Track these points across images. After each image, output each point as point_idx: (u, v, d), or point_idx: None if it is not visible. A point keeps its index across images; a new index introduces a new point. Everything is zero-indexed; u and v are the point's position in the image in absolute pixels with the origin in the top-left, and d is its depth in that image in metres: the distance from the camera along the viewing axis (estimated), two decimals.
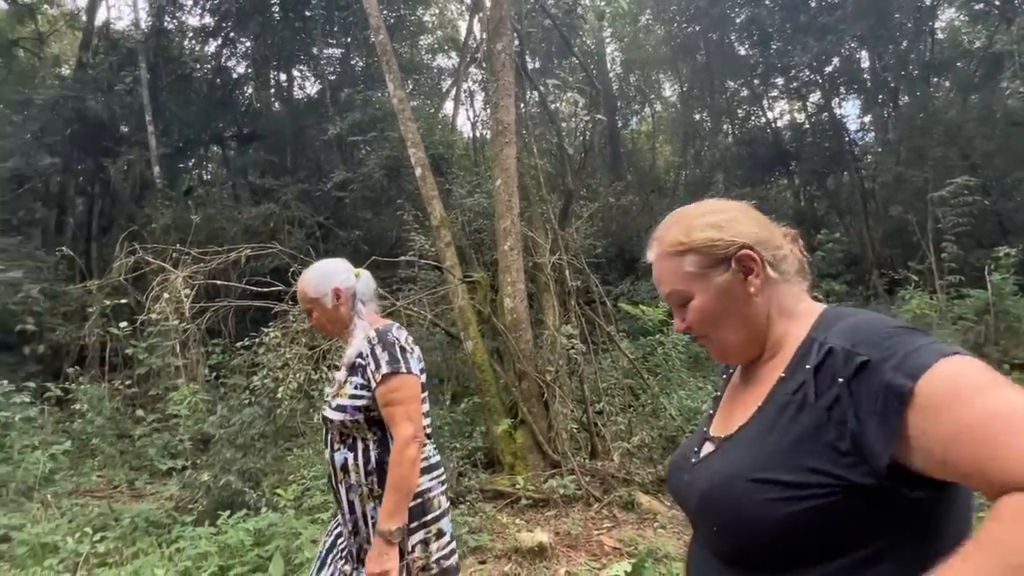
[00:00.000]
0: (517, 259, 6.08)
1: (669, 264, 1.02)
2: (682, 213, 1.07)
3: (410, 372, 1.86)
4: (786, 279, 1.00)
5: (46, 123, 10.81)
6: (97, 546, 4.58)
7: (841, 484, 0.77)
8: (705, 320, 1.00)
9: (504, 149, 6.18)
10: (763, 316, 0.98)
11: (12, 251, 9.46)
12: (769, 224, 1.04)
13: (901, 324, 0.83)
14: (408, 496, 1.82)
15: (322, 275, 2.05)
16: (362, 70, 13.38)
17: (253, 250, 5.02)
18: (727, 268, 0.98)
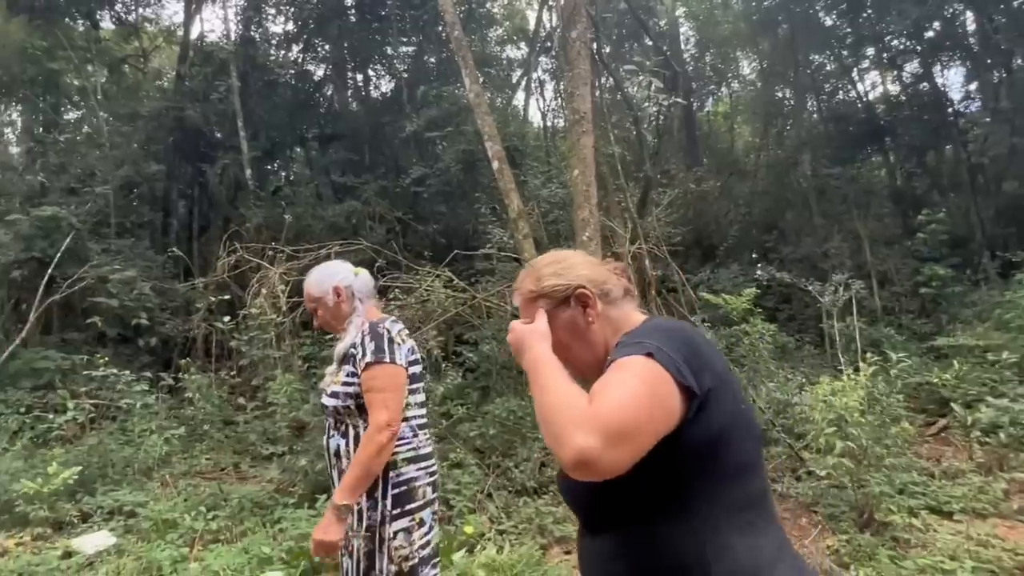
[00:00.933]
0: (596, 249, 6.02)
1: (528, 308, 1.30)
2: (533, 266, 1.37)
3: (393, 362, 1.93)
4: (615, 305, 1.28)
5: (151, 133, 11.71)
6: (210, 523, 4.96)
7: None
8: (560, 347, 1.23)
9: (581, 138, 6.11)
10: (600, 339, 1.26)
11: (127, 252, 10.31)
12: (599, 265, 1.35)
13: (658, 331, 1.13)
14: (368, 478, 1.87)
15: (324, 275, 2.17)
16: (435, 66, 13.61)
17: (341, 246, 5.24)
18: (568, 306, 1.26)
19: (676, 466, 1.05)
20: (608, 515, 1.13)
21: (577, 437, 0.91)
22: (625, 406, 0.95)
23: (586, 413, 0.94)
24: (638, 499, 1.08)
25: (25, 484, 5.21)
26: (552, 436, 0.96)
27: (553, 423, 0.97)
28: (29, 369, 9.10)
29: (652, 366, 1.01)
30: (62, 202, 10.63)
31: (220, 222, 11.91)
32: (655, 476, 1.04)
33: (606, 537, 1.14)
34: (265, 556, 4.30)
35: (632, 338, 1.11)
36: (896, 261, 11.44)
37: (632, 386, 0.98)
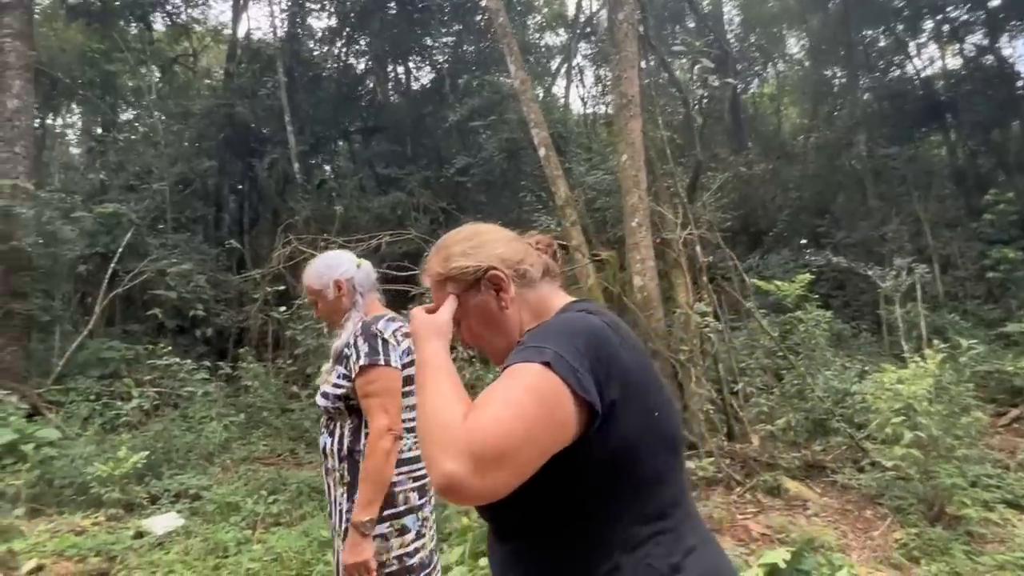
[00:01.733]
0: (646, 236, 5.92)
1: (438, 292, 1.19)
2: (442, 243, 1.23)
3: (388, 364, 1.86)
4: (534, 286, 1.17)
5: (202, 130, 12.07)
6: (271, 507, 5.13)
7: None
8: (473, 335, 1.17)
9: (629, 123, 6.01)
10: (515, 325, 1.15)
11: (183, 246, 10.68)
12: (515, 241, 1.21)
13: (564, 331, 1.00)
14: (383, 487, 1.80)
15: (325, 267, 2.07)
16: (474, 55, 13.57)
17: (392, 236, 5.29)
18: (479, 290, 1.14)
19: (576, 480, 0.98)
20: (510, 523, 1.06)
21: (445, 462, 0.84)
22: (503, 425, 0.86)
23: (457, 434, 0.85)
24: (537, 511, 1.00)
25: (99, 467, 5.48)
26: (424, 454, 0.89)
27: (426, 440, 0.90)
28: (96, 359, 9.56)
29: (547, 377, 0.91)
30: (122, 199, 11.08)
31: (269, 215, 12.22)
32: (553, 489, 0.97)
33: (510, 543, 1.08)
34: (325, 539, 4.41)
35: (534, 338, 1.00)
36: (960, 244, 10.92)
37: (517, 401, 0.89)
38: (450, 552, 4.01)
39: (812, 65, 19.69)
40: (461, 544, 4.07)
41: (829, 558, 3.54)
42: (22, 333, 9.06)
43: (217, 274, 11.00)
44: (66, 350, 9.25)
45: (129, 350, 9.77)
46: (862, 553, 3.97)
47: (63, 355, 9.19)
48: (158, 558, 4.25)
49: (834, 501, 4.73)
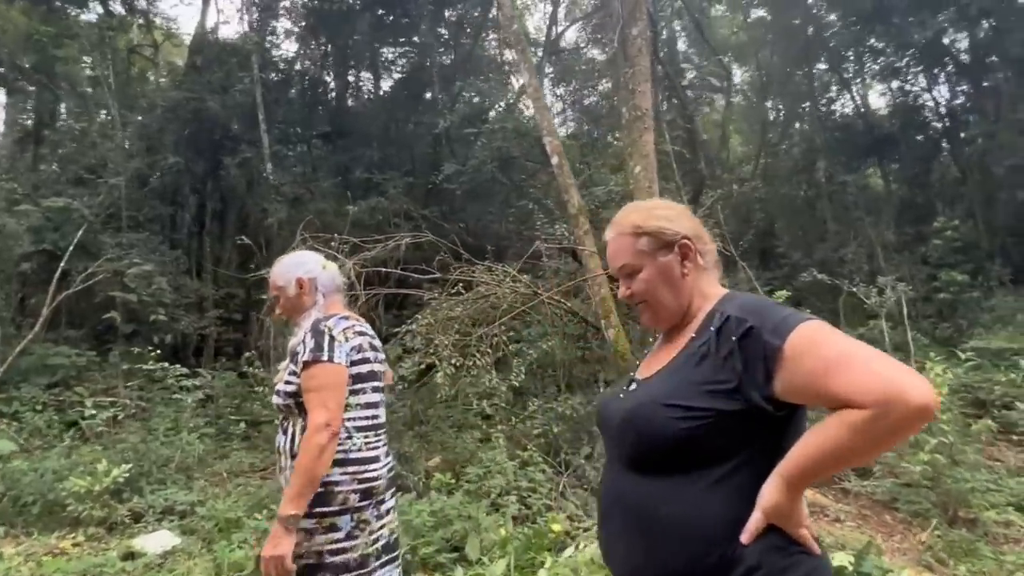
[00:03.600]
0: None
1: (626, 241, 1.32)
2: (641, 205, 1.40)
3: (331, 360, 1.85)
4: (707, 268, 1.32)
5: (163, 124, 11.38)
6: None
7: (718, 411, 1.10)
8: (648, 289, 1.31)
9: (643, 135, 6.09)
10: (688, 293, 1.29)
11: (141, 246, 9.99)
12: (701, 226, 1.36)
13: (771, 301, 1.20)
14: (313, 483, 1.78)
15: (291, 265, 2.10)
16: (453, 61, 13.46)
17: (412, 238, 5.12)
18: (670, 251, 1.29)
19: (772, 424, 1.11)
20: (681, 463, 1.14)
21: (913, 390, 0.95)
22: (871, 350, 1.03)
23: (894, 372, 0.98)
24: (716, 451, 1.12)
25: (75, 482, 4.96)
26: (889, 414, 0.96)
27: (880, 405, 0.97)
28: (42, 365, 8.74)
29: (831, 327, 1.09)
30: (71, 194, 10.26)
31: (233, 217, 11.64)
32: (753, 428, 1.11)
33: (652, 479, 1.17)
34: None
35: (767, 309, 1.14)
36: (909, 267, 11.66)
37: (852, 340, 1.06)
38: (492, 565, 3.85)
39: (759, 95, 20.72)
40: (503, 557, 3.92)
41: (878, 562, 3.62)
42: None
43: (176, 277, 10.34)
44: (7, 356, 8.40)
45: (79, 356, 9.00)
46: (893, 556, 4.09)
47: (4, 361, 8.34)
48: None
49: (850, 507, 4.88)
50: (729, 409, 1.09)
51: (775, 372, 1.06)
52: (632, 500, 1.21)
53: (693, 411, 1.11)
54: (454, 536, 4.30)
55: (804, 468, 1.04)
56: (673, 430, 1.12)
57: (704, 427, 1.10)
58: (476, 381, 5.33)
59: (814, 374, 1.02)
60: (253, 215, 10.77)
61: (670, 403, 1.14)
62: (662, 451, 1.15)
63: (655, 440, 1.15)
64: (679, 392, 1.15)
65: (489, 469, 5.13)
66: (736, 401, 1.09)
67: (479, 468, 5.18)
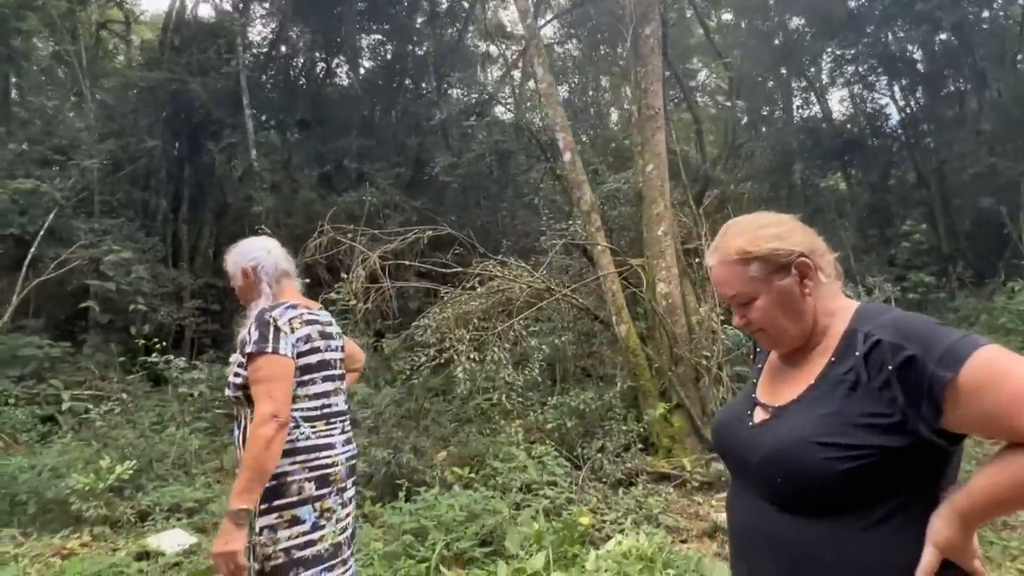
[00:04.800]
0: (671, 245, 6.11)
1: (734, 270, 1.21)
2: (744, 224, 1.25)
3: (276, 352, 1.84)
4: (830, 282, 1.21)
5: (137, 106, 10.88)
6: None
7: (882, 447, 1.00)
8: (767, 317, 1.20)
9: (655, 134, 6.19)
10: (812, 311, 1.18)
11: (116, 233, 9.55)
12: (815, 234, 1.25)
13: (934, 321, 1.06)
14: (261, 475, 1.75)
15: (238, 254, 2.11)
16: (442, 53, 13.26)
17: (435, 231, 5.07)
18: (787, 273, 1.17)
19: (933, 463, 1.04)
20: (841, 504, 1.06)
21: None
22: None
23: None
24: (879, 489, 1.03)
25: (79, 480, 4.74)
26: None
27: None
28: (11, 356, 8.27)
29: (1010, 352, 0.98)
30: (39, 175, 9.71)
31: (212, 204, 11.24)
32: (912, 468, 1.03)
33: (809, 521, 1.08)
34: (369, 553, 4.10)
35: (932, 332, 1.02)
36: (878, 268, 12.19)
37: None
38: (532, 559, 3.88)
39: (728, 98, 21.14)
40: (541, 551, 3.95)
41: None
42: None
43: (153, 265, 9.92)
44: None
45: (52, 347, 8.55)
46: None
47: None
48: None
49: None
50: (894, 445, 1.01)
51: (946, 406, 0.97)
52: (788, 544, 1.11)
53: (854, 449, 1.02)
54: (482, 529, 4.31)
55: (986, 505, 0.97)
56: (832, 472, 1.03)
57: (867, 466, 1.02)
58: (493, 375, 5.32)
59: (997, 410, 0.93)
60: (235, 203, 10.42)
61: (825, 441, 1.05)
62: (819, 493, 1.06)
63: (811, 482, 1.06)
64: (833, 428, 1.06)
65: (509, 463, 5.15)
66: (902, 436, 1.00)
67: (497, 463, 5.19)
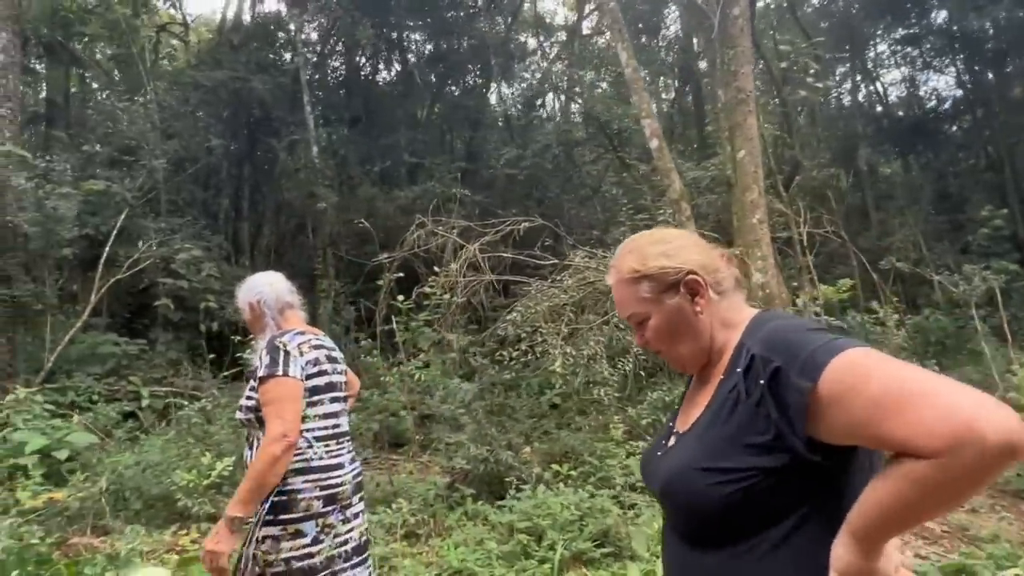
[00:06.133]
0: (766, 232, 5.87)
1: (627, 290, 1.18)
2: (637, 242, 1.22)
3: (286, 375, 1.96)
4: (725, 296, 1.16)
5: (198, 106, 11.00)
6: (407, 517, 4.58)
7: (764, 469, 0.95)
8: (660, 337, 1.17)
9: (747, 119, 5.94)
10: (708, 330, 1.14)
11: (184, 231, 9.68)
12: (710, 249, 1.21)
13: (808, 326, 1.01)
14: (261, 489, 1.87)
15: (245, 289, 2.24)
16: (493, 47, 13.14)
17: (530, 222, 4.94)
18: (677, 292, 1.14)
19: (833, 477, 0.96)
20: (731, 532, 1.01)
21: (989, 425, 0.76)
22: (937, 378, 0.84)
23: (963, 405, 0.79)
24: (770, 513, 0.97)
25: (183, 476, 4.76)
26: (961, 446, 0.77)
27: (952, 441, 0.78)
28: (91, 354, 8.43)
29: (874, 353, 0.91)
30: (106, 176, 9.88)
31: (271, 202, 11.32)
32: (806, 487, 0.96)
33: (707, 552, 1.04)
34: (487, 552, 4.00)
35: (803, 337, 0.96)
36: (952, 257, 11.67)
37: (901, 367, 0.87)
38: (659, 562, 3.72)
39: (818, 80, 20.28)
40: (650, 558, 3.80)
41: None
42: (10, 323, 7.85)
43: (219, 263, 10.02)
44: (57, 343, 8.08)
45: (129, 345, 8.70)
46: None
47: (53, 349, 8.02)
48: None
49: (984, 498, 4.82)
50: (773, 466, 0.95)
51: (810, 418, 0.90)
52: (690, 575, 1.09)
53: (735, 472, 0.97)
54: (595, 529, 4.17)
55: (871, 524, 0.88)
56: (715, 497, 0.99)
57: (752, 488, 0.96)
58: (589, 369, 5.17)
59: (862, 418, 0.85)
60: (295, 200, 10.46)
61: (707, 467, 1.01)
62: (709, 521, 1.02)
63: (699, 510, 1.03)
64: (716, 452, 1.01)
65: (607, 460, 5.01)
66: (780, 454, 0.94)
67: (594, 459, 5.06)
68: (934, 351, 7.67)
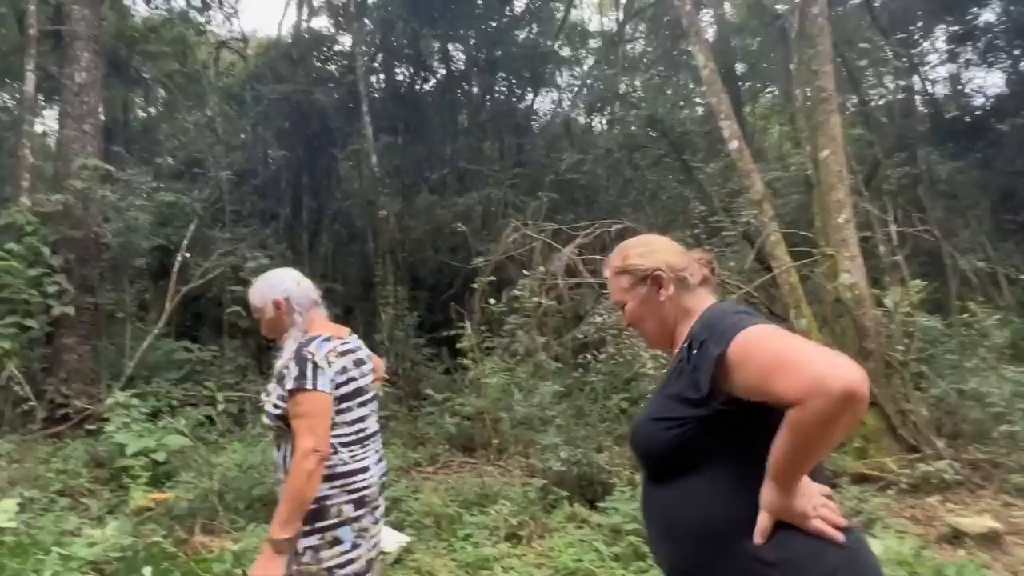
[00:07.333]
0: (853, 232, 5.78)
1: (614, 281, 1.52)
2: (625, 245, 1.55)
3: (315, 389, 1.93)
4: (688, 290, 1.45)
5: (258, 119, 11.30)
6: (497, 519, 4.61)
7: (695, 418, 1.21)
8: (634, 319, 1.51)
9: (830, 117, 5.87)
10: (672, 316, 1.45)
11: (250, 240, 9.91)
12: (683, 254, 1.50)
13: (736, 310, 1.34)
14: (302, 507, 1.86)
15: (268, 286, 2.15)
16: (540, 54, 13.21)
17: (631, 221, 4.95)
18: (645, 284, 1.46)
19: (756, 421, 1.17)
20: (673, 469, 1.27)
21: (833, 378, 0.99)
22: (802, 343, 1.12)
23: (817, 363, 1.03)
24: (706, 452, 1.22)
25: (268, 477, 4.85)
26: (820, 397, 1.00)
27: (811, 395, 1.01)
28: (168, 361, 8.69)
29: (772, 328, 1.20)
30: (175, 188, 10.21)
31: (330, 211, 11.54)
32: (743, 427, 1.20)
33: (666, 486, 1.30)
34: (599, 554, 3.99)
35: (723, 322, 1.24)
36: (1020, 257, 11.31)
37: (786, 338, 1.15)
38: None
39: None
40: None
41: None
42: (93, 331, 8.14)
43: None
44: (135, 350, 8.34)
45: (202, 351, 8.94)
46: None
47: (132, 356, 8.28)
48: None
49: None
50: (700, 415, 1.20)
51: (726, 379, 1.14)
52: (654, 508, 1.36)
53: (675, 421, 1.24)
54: None
55: (780, 467, 1.11)
56: (661, 440, 1.26)
57: (688, 433, 1.22)
58: None
59: (756, 377, 1.10)
60: (353, 208, 10.64)
61: (657, 416, 1.30)
62: (659, 460, 1.30)
63: (650, 450, 1.33)
64: (664, 406, 1.30)
65: None
66: (705, 408, 1.19)
67: None
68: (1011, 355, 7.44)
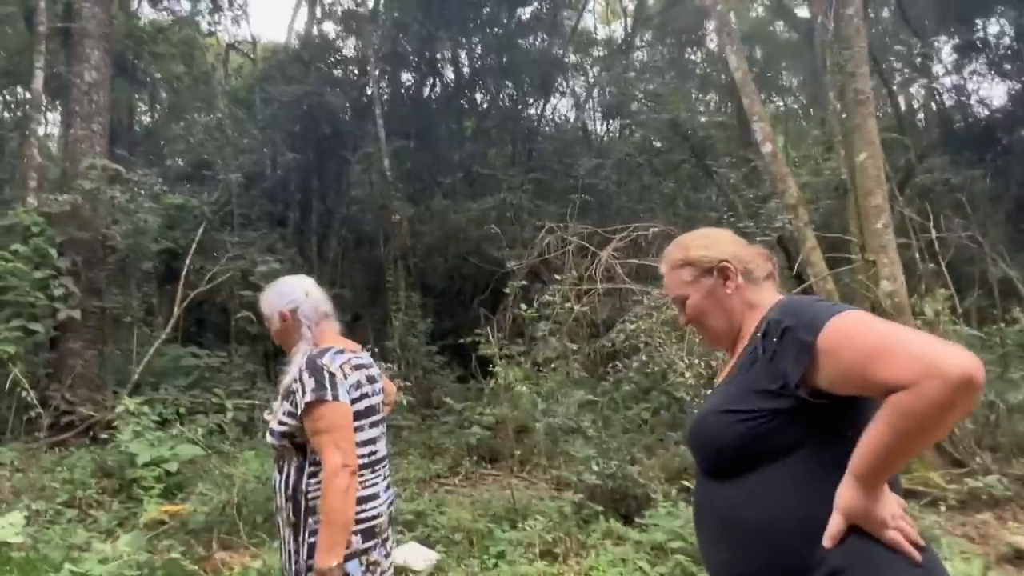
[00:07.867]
0: (892, 238, 5.61)
1: (674, 275, 1.44)
2: (684, 239, 1.48)
3: (336, 399, 1.79)
4: (755, 283, 1.38)
5: (268, 121, 11.13)
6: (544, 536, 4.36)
7: (773, 410, 1.15)
8: (696, 314, 1.41)
9: (867, 120, 5.72)
10: (736, 309, 1.37)
11: (258, 244, 9.71)
12: (746, 246, 1.44)
13: (817, 300, 1.33)
14: (345, 528, 1.74)
15: (276, 295, 2.04)
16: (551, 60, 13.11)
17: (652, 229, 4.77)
18: (711, 276, 1.38)
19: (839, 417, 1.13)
20: (743, 464, 1.19)
21: (949, 363, 0.93)
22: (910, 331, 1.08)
23: (930, 348, 0.98)
24: (779, 447, 1.15)
25: None
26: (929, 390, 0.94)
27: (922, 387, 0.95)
28: (175, 367, 8.45)
29: (866, 314, 1.15)
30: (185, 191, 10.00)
31: (340, 215, 11.36)
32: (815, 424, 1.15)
33: (728, 483, 1.22)
34: (644, 573, 3.78)
35: (803, 308, 1.19)
36: None
37: (891, 324, 1.12)
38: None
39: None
40: None
41: None
42: (99, 335, 7.91)
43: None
44: (142, 356, 8.11)
45: (210, 357, 8.71)
46: None
47: (139, 362, 8.05)
48: None
49: None
50: (780, 408, 1.13)
51: (815, 368, 1.08)
52: (713, 506, 1.28)
53: (749, 413, 1.17)
54: None
55: (870, 463, 1.03)
56: (731, 434, 1.18)
57: (760, 427, 1.15)
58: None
59: (854, 365, 1.04)
60: (363, 212, 10.45)
61: (726, 409, 1.22)
62: (726, 455, 1.22)
63: (716, 445, 1.24)
64: (734, 398, 1.22)
65: None
66: (785, 399, 1.12)
67: None
68: None
